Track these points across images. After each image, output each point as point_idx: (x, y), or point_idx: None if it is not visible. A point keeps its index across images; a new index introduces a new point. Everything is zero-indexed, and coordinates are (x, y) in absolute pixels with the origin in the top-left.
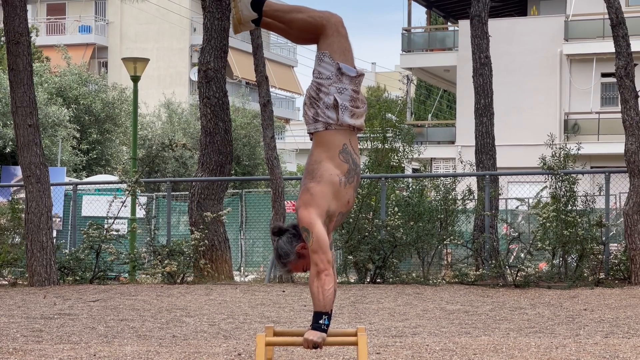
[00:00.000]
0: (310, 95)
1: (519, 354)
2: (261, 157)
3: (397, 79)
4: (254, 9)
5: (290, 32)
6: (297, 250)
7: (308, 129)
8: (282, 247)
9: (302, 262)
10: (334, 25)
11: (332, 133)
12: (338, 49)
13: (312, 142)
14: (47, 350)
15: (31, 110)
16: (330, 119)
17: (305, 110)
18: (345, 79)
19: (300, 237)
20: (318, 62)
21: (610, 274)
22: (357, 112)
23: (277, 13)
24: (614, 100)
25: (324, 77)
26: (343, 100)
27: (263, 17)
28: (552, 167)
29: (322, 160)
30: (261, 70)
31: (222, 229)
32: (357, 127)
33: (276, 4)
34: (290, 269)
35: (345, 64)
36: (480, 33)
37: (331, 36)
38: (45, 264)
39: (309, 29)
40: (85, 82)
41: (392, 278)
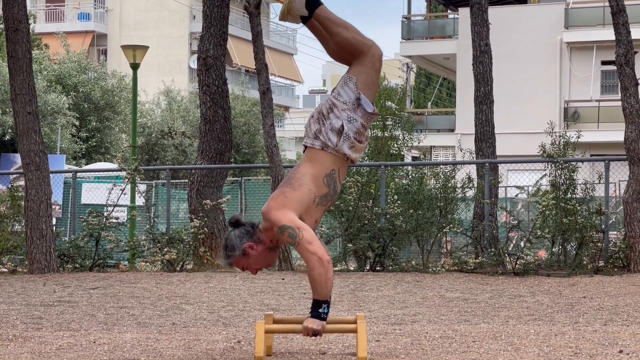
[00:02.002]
0: (321, 111)
1: (518, 341)
2: (261, 145)
3: (396, 67)
4: (308, 8)
5: (329, 43)
6: (244, 248)
7: (305, 142)
8: (232, 240)
9: (244, 260)
10: (373, 56)
11: (326, 155)
12: (366, 81)
13: (304, 154)
14: (46, 337)
15: (30, 98)
16: (329, 142)
17: (310, 122)
18: (360, 111)
19: (252, 236)
20: (342, 84)
21: (609, 262)
22: (358, 146)
23: (326, 21)
24: (614, 88)
25: (341, 100)
26: (349, 129)
27: (312, 18)
28: (552, 155)
29: (306, 175)
30: (261, 58)
31: (222, 216)
32: (352, 159)
33: (329, 12)
34: (231, 262)
35: (366, 98)
36: (480, 21)
37: (365, 65)
38: (45, 252)
39: (349, 49)
40: (85, 69)
41: (392, 266)
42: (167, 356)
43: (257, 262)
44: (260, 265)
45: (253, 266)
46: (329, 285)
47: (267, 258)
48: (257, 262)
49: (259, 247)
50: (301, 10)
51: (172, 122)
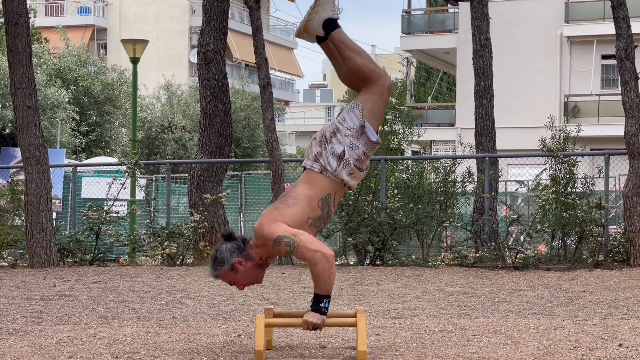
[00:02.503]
0: (324, 134)
1: (518, 335)
2: (261, 139)
3: (397, 61)
4: (325, 29)
5: (342, 66)
6: (233, 262)
7: (304, 163)
8: (222, 253)
9: (232, 275)
10: (382, 86)
11: (324, 179)
12: (372, 109)
13: (302, 175)
14: (47, 331)
15: (30, 92)
16: (329, 166)
17: (312, 144)
18: (363, 139)
19: (242, 252)
20: (348, 110)
21: (609, 256)
22: (357, 173)
23: (341, 44)
24: (614, 82)
25: (345, 125)
26: (350, 156)
27: (328, 40)
28: (552, 149)
29: (301, 195)
30: (261, 52)
31: (222, 211)
32: (349, 185)
33: (345, 36)
34: (218, 275)
35: (371, 127)
36: (480, 15)
37: (374, 94)
38: (45, 246)
39: (360, 75)
40: (85, 63)
41: (392, 260)
42: (167, 350)
43: (245, 278)
44: (247, 281)
45: (240, 282)
46: (332, 280)
47: (255, 275)
48: (244, 278)
49: (248, 263)
50: (318, 30)
51: (172, 116)
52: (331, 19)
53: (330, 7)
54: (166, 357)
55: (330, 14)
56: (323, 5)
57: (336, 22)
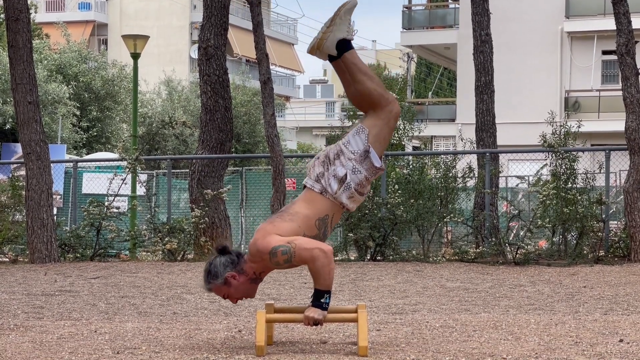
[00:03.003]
0: (327, 156)
1: (519, 331)
2: (261, 135)
3: (397, 57)
4: (338, 49)
5: (351, 87)
6: (226, 277)
7: (305, 181)
8: (216, 267)
9: (225, 289)
10: (390, 112)
11: (323, 200)
12: (377, 135)
13: (302, 193)
14: (48, 327)
15: (31, 88)
16: (329, 188)
17: (315, 164)
18: (366, 163)
19: (236, 266)
20: (353, 133)
21: (610, 252)
22: (357, 197)
23: (352, 66)
24: (615, 77)
25: (350, 148)
26: (352, 180)
27: (340, 59)
28: (553, 144)
29: (299, 213)
30: (261, 47)
31: (223, 206)
32: (348, 208)
33: (357, 58)
34: (211, 288)
35: (375, 152)
36: (481, 10)
37: (381, 119)
38: (46, 241)
39: (368, 98)
40: (85, 59)
41: (392, 256)
42: (168, 345)
43: (238, 292)
44: (240, 295)
45: (233, 296)
46: (331, 275)
47: (248, 289)
48: (237, 292)
49: (242, 277)
50: (331, 50)
51: (173, 112)
52: (345, 39)
53: (346, 27)
54: (167, 353)
55: (345, 34)
56: (338, 26)
57: (350, 43)
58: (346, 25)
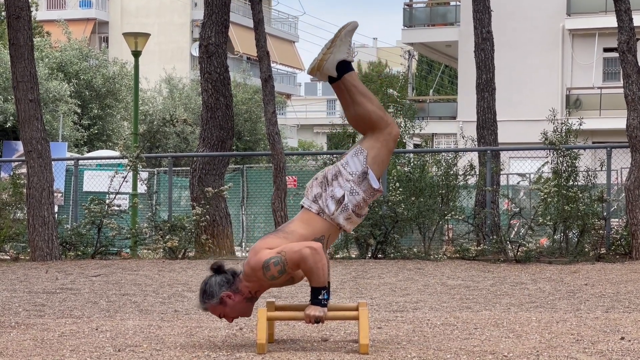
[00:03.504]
0: (326, 176)
1: (520, 329)
2: (262, 133)
3: (398, 55)
4: (338, 70)
5: (350, 109)
6: (221, 296)
7: (303, 202)
8: (211, 286)
9: (220, 309)
10: (389, 134)
11: (320, 220)
12: (375, 157)
13: (299, 213)
14: (49, 325)
15: (32, 85)
16: (326, 209)
17: (313, 184)
18: (364, 185)
19: (231, 285)
20: (352, 154)
21: (611, 249)
22: (354, 219)
23: (352, 88)
24: (616, 75)
25: (348, 170)
26: (350, 201)
27: (340, 81)
28: (554, 142)
29: (295, 232)
30: (262, 45)
31: (224, 204)
32: (345, 230)
33: (357, 80)
34: (207, 308)
35: (374, 174)
36: (482, 8)
37: (379, 142)
38: (47, 239)
39: (367, 120)
40: (86, 57)
41: (394, 253)
42: (169, 343)
43: (234, 312)
44: (236, 314)
45: (229, 315)
46: (324, 270)
47: (244, 308)
48: (233, 312)
49: (237, 297)
50: (331, 71)
51: (174, 109)
52: (345, 61)
53: (346, 49)
54: (168, 351)
55: (345, 56)
56: (338, 47)
57: (350, 65)
58: (346, 46)
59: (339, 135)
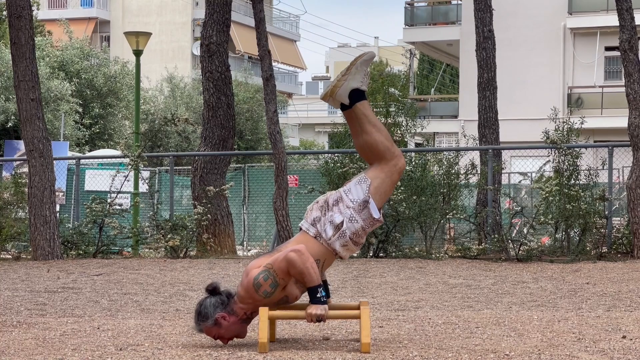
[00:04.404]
0: (327, 201)
1: (521, 327)
2: (264, 132)
3: (399, 53)
4: (350, 98)
5: (359, 137)
6: (216, 318)
7: (301, 224)
8: (206, 308)
9: (216, 330)
10: (394, 166)
11: (317, 244)
12: (378, 187)
13: (297, 234)
14: (50, 324)
15: (33, 85)
16: (324, 233)
17: (313, 207)
18: (364, 213)
19: (226, 307)
20: (356, 183)
21: (612, 248)
22: (351, 247)
23: (363, 117)
24: (618, 74)
25: (350, 197)
26: (348, 228)
27: (352, 109)
28: (555, 141)
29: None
30: (264, 44)
31: (225, 203)
32: (340, 256)
33: (369, 110)
34: (202, 329)
35: (375, 204)
36: (483, 6)
37: (384, 172)
38: (49, 238)
39: (375, 150)
40: (87, 56)
41: (395, 252)
42: (171, 342)
43: (228, 333)
44: (231, 335)
45: (224, 336)
46: (314, 269)
47: (239, 329)
48: (228, 333)
49: (232, 318)
50: (343, 98)
51: (175, 108)
52: (359, 89)
53: (360, 78)
54: (170, 350)
55: (359, 84)
56: (353, 75)
57: (364, 94)
58: (361, 75)
59: (340, 135)
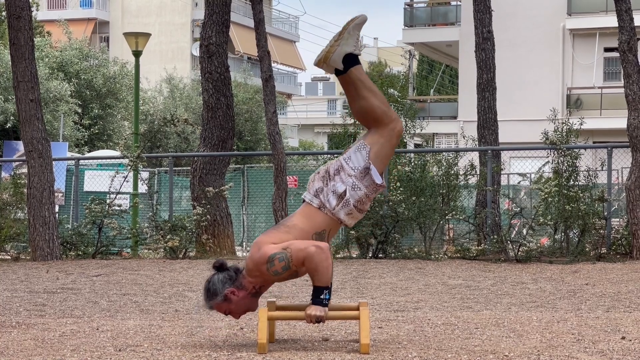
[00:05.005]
0: (327, 171)
1: (521, 328)
2: (263, 133)
3: (399, 54)
4: (344, 63)
5: (355, 102)
6: (225, 293)
7: (304, 196)
8: (215, 284)
9: (226, 306)
10: (392, 130)
11: (321, 215)
12: (378, 152)
13: (301, 207)
14: (50, 324)
15: (33, 85)
16: (327, 204)
17: (315, 178)
18: (367, 180)
19: (235, 282)
20: (355, 149)
21: (612, 249)
22: (355, 214)
23: (358, 82)
24: (617, 75)
25: (350, 165)
26: (351, 196)
27: (346, 74)
28: (555, 142)
29: (296, 226)
30: (263, 45)
31: (224, 204)
32: (345, 225)
33: (363, 74)
34: (212, 306)
35: (376, 170)
36: (482, 7)
37: (383, 137)
38: (48, 239)
39: (372, 115)
40: (86, 56)
41: (394, 253)
42: (170, 343)
43: (239, 308)
44: (242, 311)
45: (235, 312)
46: (329, 271)
47: (249, 304)
48: (238, 308)
49: (241, 292)
50: (337, 64)
51: (175, 109)
52: (352, 54)
53: (353, 42)
54: (169, 350)
55: (353, 49)
56: (346, 40)
57: (357, 58)
58: (354, 39)
59: (339, 135)
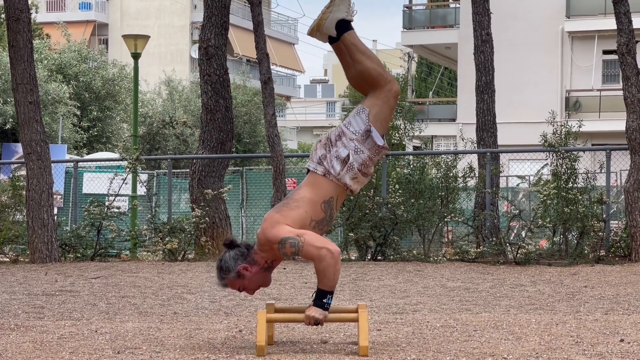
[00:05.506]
0: (329, 138)
1: (519, 330)
2: (262, 135)
3: (398, 57)
4: (337, 30)
5: (351, 68)
6: (238, 269)
7: (308, 165)
8: (227, 262)
9: (239, 282)
10: (389, 91)
11: (327, 182)
12: (377, 114)
13: (306, 178)
14: (48, 327)
15: (31, 87)
16: (332, 169)
17: (317, 147)
18: (368, 143)
19: (246, 258)
20: (354, 114)
21: (610, 251)
22: (360, 178)
23: (352, 46)
24: (616, 77)
25: (351, 129)
26: (355, 160)
27: (340, 41)
28: (553, 144)
29: (304, 198)
30: (262, 47)
31: (223, 206)
32: (351, 189)
33: (357, 39)
34: (226, 283)
35: (377, 132)
36: (481, 10)
37: (380, 99)
38: (47, 241)
39: (368, 79)
40: (85, 59)
41: (393, 255)
42: (169, 345)
43: (253, 283)
44: (255, 286)
45: (249, 287)
46: (336, 276)
47: (262, 279)
48: (252, 283)
49: (254, 268)
50: (330, 30)
51: (174, 111)
52: (345, 20)
53: (345, 8)
54: (168, 353)
55: (345, 15)
56: (337, 6)
57: (349, 24)
58: (346, 5)
59: None
